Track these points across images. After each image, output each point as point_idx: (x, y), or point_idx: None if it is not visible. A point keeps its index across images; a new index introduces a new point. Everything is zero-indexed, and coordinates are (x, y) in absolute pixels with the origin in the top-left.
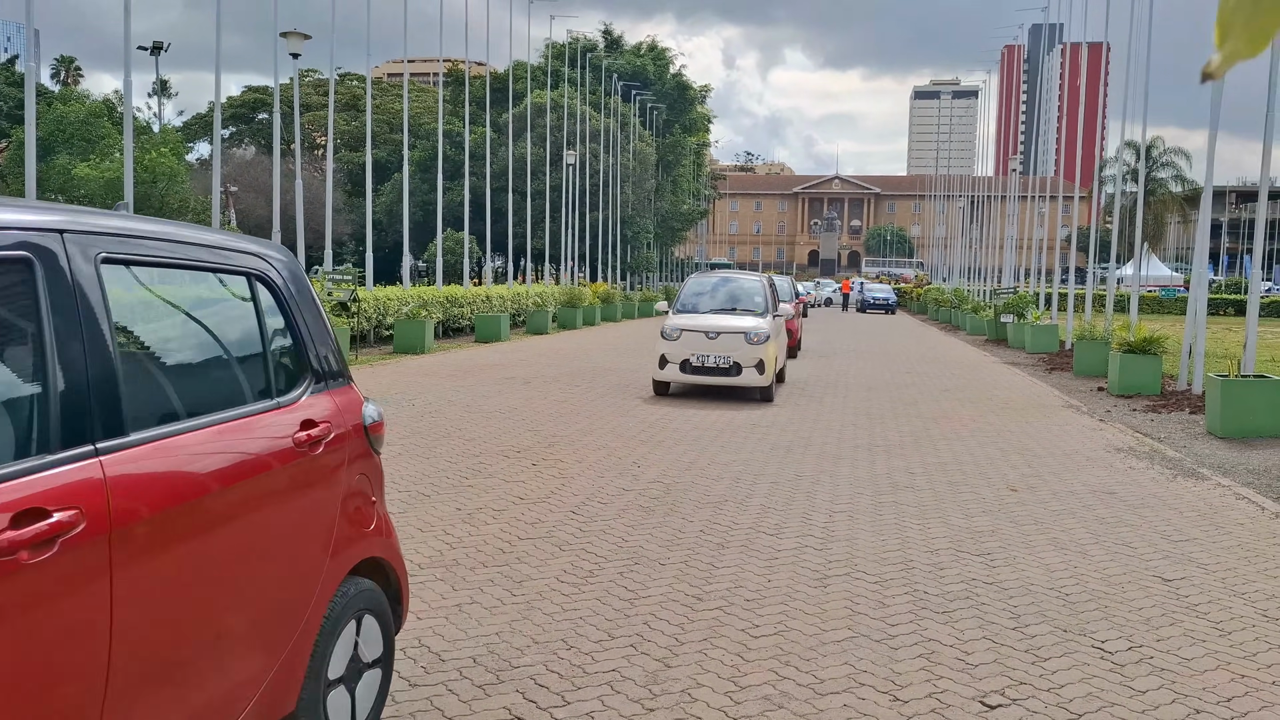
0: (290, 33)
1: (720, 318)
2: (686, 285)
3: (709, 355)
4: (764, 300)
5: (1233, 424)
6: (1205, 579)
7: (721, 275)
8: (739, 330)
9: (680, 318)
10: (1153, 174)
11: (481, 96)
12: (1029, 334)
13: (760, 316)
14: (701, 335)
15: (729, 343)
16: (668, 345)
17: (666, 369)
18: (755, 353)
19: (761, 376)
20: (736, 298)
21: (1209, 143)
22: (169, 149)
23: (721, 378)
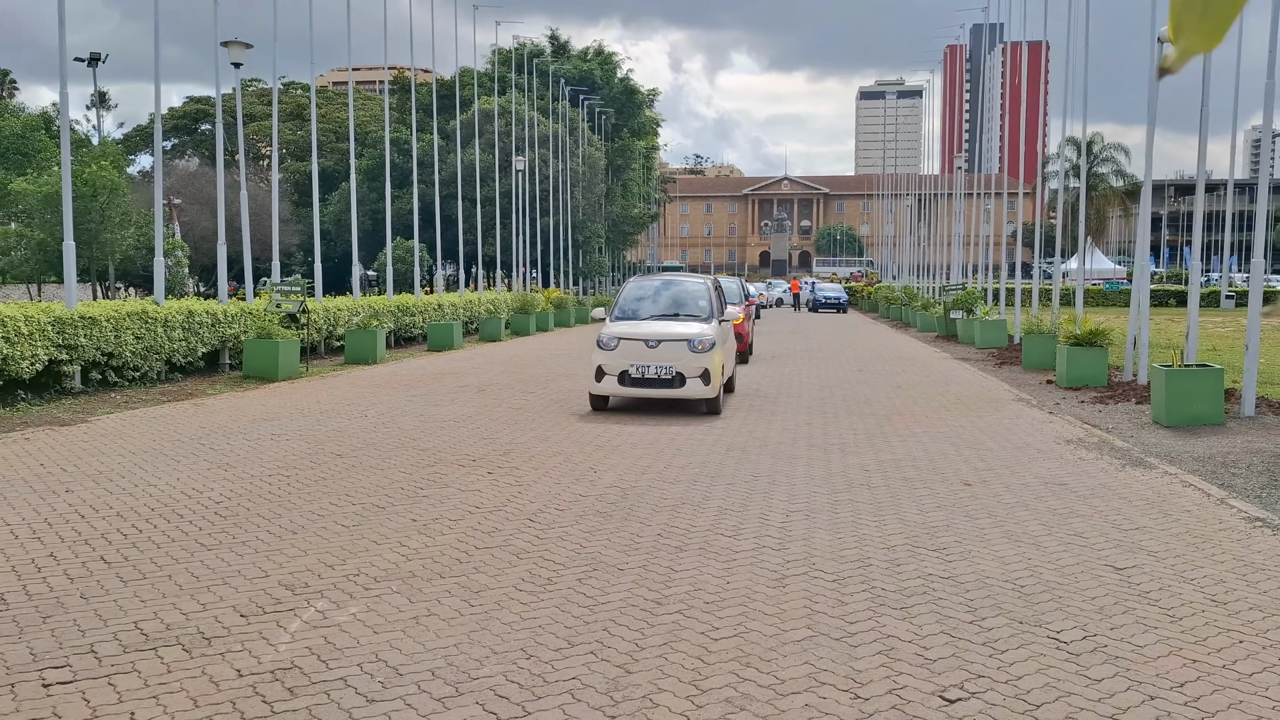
0: (231, 42)
1: (662, 324)
2: (625, 290)
3: (649, 366)
4: (709, 304)
5: (1176, 413)
6: (1155, 566)
7: (664, 279)
8: (682, 338)
9: (618, 325)
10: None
11: (428, 103)
12: (978, 329)
13: (705, 322)
14: (641, 344)
15: (671, 352)
16: (605, 355)
17: (604, 381)
18: (700, 362)
19: (707, 387)
20: (679, 302)
21: (1147, 138)
22: (109, 162)
23: (664, 390)
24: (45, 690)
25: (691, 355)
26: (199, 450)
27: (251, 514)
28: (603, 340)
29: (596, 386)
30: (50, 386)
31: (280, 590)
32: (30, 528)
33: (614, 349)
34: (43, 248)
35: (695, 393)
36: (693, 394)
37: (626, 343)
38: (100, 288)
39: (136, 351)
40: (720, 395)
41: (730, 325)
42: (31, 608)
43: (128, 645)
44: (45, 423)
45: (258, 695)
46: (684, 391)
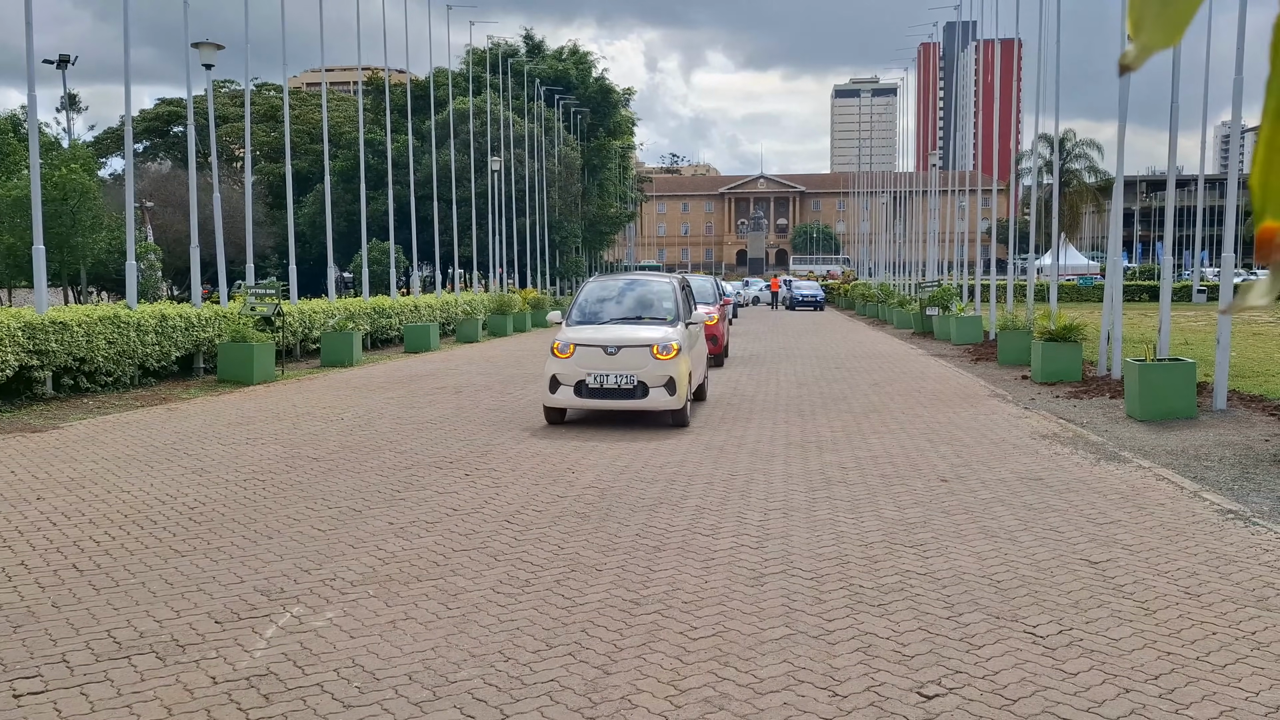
0: (202, 43)
1: (622, 328)
2: (583, 291)
3: (608, 374)
4: (675, 306)
5: (1150, 407)
6: (1130, 560)
7: (626, 279)
8: (644, 343)
9: (575, 330)
10: (1067, 166)
11: (403, 104)
12: (954, 326)
13: (670, 325)
14: (599, 350)
15: (632, 358)
16: (559, 364)
17: (559, 393)
18: (664, 369)
19: (672, 398)
20: (643, 304)
21: (1119, 134)
22: (80, 165)
23: (625, 401)
24: (16, 700)
25: (655, 362)
26: (173, 455)
27: (226, 519)
28: (557, 346)
29: (551, 398)
30: (21, 393)
31: (256, 596)
32: (0, 536)
33: (570, 356)
34: (12, 252)
35: (659, 403)
36: (657, 405)
37: (583, 349)
38: (72, 292)
39: (109, 356)
40: (687, 406)
41: (699, 328)
42: (2, 617)
43: (100, 654)
44: (16, 429)
45: (233, 703)
46: (647, 402)
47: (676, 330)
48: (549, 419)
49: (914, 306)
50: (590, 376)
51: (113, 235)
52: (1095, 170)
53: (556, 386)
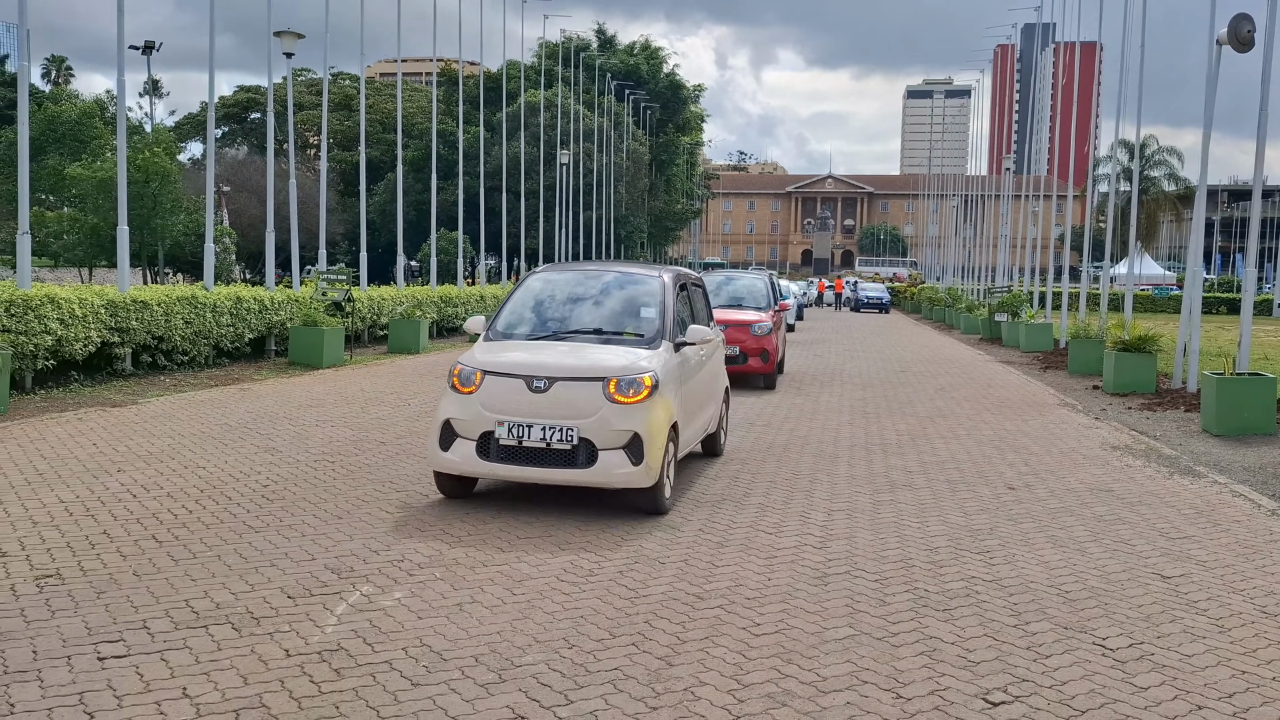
0: (284, 32)
1: (564, 349)
2: (519, 287)
3: (532, 425)
4: (659, 315)
5: (1227, 422)
6: (1204, 576)
7: (588, 269)
8: (594, 373)
9: (491, 348)
10: (1145, 173)
11: (475, 96)
12: (1023, 333)
13: (648, 346)
14: (520, 384)
15: (573, 399)
16: (459, 403)
17: (455, 450)
18: (625, 419)
19: (636, 468)
20: (608, 310)
21: (1203, 142)
22: (162, 149)
23: (556, 470)
24: (100, 663)
25: (611, 408)
26: (246, 434)
27: (298, 498)
28: (461, 374)
29: (441, 459)
30: (102, 368)
31: (326, 574)
32: (84, 506)
33: (474, 391)
34: (95, 232)
35: (614, 476)
36: (610, 479)
37: (496, 380)
38: (149, 272)
39: (186, 336)
40: (665, 482)
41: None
42: (86, 584)
43: (179, 622)
44: (97, 403)
45: (305, 675)
46: (593, 474)
47: (655, 355)
48: (441, 489)
49: (982, 312)
50: (504, 427)
51: (190, 218)
52: (1175, 178)
53: (451, 440)
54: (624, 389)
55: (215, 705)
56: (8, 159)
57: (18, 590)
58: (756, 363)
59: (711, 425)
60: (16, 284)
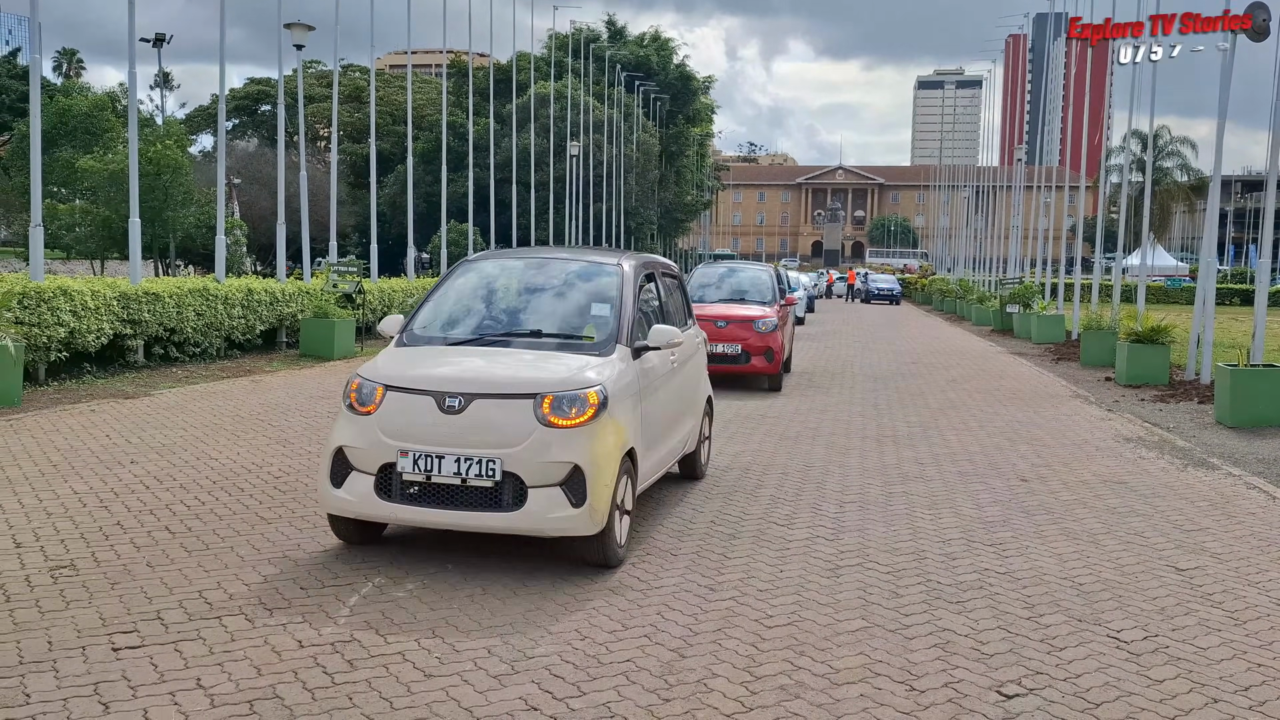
0: (294, 24)
1: (486, 357)
2: (446, 281)
3: (444, 454)
4: (614, 313)
5: (1242, 413)
6: (1219, 568)
7: (529, 257)
8: (522, 389)
9: (400, 356)
10: (1158, 163)
11: (485, 88)
12: (1035, 324)
13: (599, 353)
14: (430, 403)
15: (493, 421)
16: (355, 425)
17: (349, 487)
18: (564, 448)
19: (575, 510)
20: (553, 308)
21: (1217, 132)
22: (173, 141)
23: (475, 514)
24: (115, 654)
25: (544, 432)
26: (258, 426)
27: (310, 489)
28: (359, 391)
29: (333, 497)
30: (115, 360)
31: (338, 565)
32: (98, 497)
33: (373, 411)
34: (107, 224)
35: (544, 521)
36: (537, 524)
37: (399, 398)
38: (161, 265)
39: (197, 328)
40: (615, 530)
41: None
42: (100, 574)
43: (193, 613)
44: (110, 395)
45: (319, 666)
46: (518, 519)
47: (607, 364)
48: (340, 534)
49: (994, 303)
50: (409, 458)
51: (202, 210)
52: (1188, 168)
53: (345, 474)
54: (562, 408)
55: (229, 696)
56: (20, 152)
57: (32, 581)
58: (760, 362)
59: (690, 443)
60: (30, 276)
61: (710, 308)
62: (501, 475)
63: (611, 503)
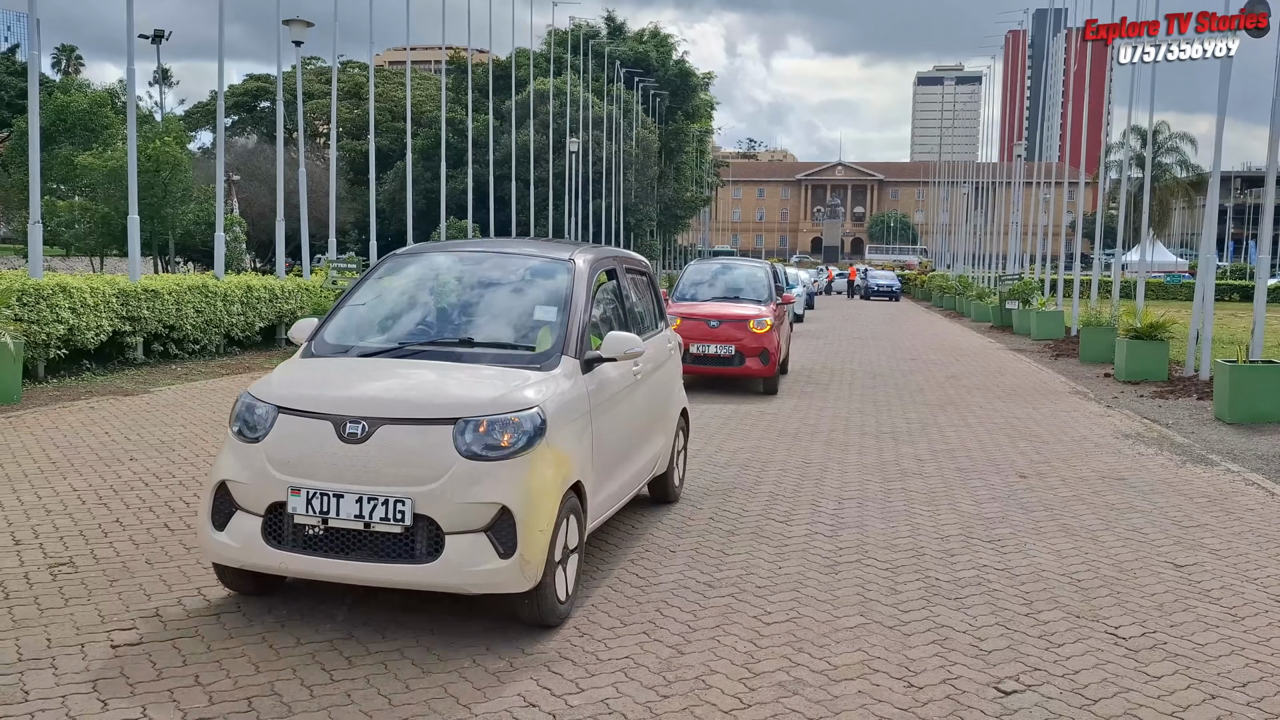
0: (293, 20)
1: (401, 372)
2: (368, 279)
3: (343, 493)
4: (561, 318)
5: (1241, 410)
6: (1217, 564)
7: (462, 252)
8: (439, 412)
9: (299, 370)
10: (1158, 160)
11: (484, 84)
12: (1034, 320)
13: (538, 365)
14: (327, 428)
15: (403, 451)
16: (239, 456)
17: (233, 528)
18: (485, 483)
19: (503, 561)
20: (485, 312)
21: (1217, 128)
22: (172, 138)
23: (381, 566)
24: (114, 651)
25: (463, 466)
26: None
27: None
28: (248, 415)
29: (213, 542)
30: (114, 357)
31: None
32: (97, 494)
33: (261, 438)
34: (106, 221)
35: (464, 575)
36: (456, 578)
37: (292, 422)
38: (160, 261)
39: (196, 325)
40: (555, 581)
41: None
42: (99, 571)
43: (191, 610)
44: (109, 392)
45: (317, 663)
46: (432, 572)
47: (549, 380)
48: (227, 583)
49: (993, 299)
50: (301, 496)
51: (201, 207)
52: (1187, 164)
53: (229, 514)
54: (490, 435)
55: (228, 693)
56: (19, 148)
57: (31, 578)
58: (755, 364)
59: (660, 464)
60: (29, 273)
61: (702, 306)
62: (413, 519)
63: (549, 551)
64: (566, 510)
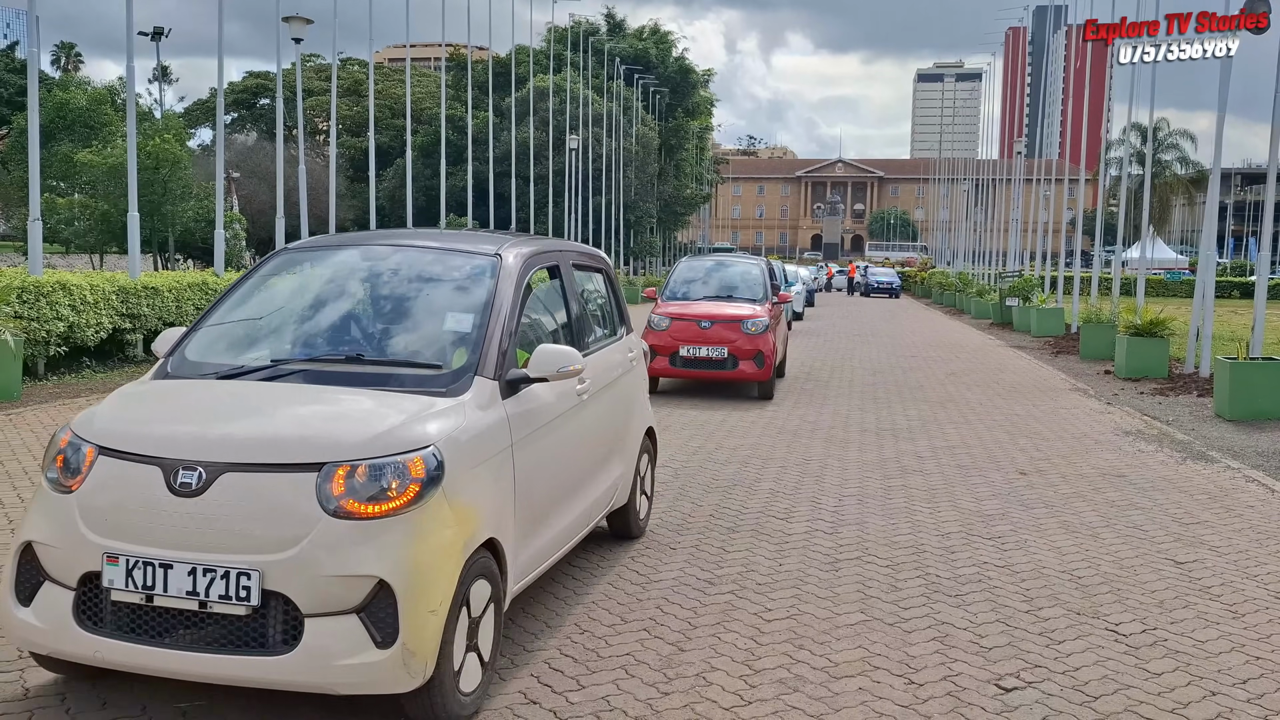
0: (292, 18)
1: (263, 399)
2: (247, 280)
3: (172, 563)
4: (477, 329)
5: (1241, 407)
6: (1217, 561)
7: (367, 246)
8: (296, 455)
9: (136, 398)
10: (1158, 156)
11: (484, 81)
12: (1034, 317)
13: (442, 389)
14: (154, 474)
15: (249, 506)
16: (48, 510)
17: (39, 602)
18: (355, 551)
19: (381, 653)
20: (382, 322)
21: (1217, 125)
22: (172, 135)
23: (221, 657)
24: None
25: (327, 526)
26: None
27: None
28: (62, 453)
29: (16, 619)
30: (114, 354)
31: None
32: None
33: (75, 487)
34: (106, 219)
35: (328, 671)
36: (318, 676)
37: (112, 466)
38: (160, 259)
39: None
40: (452, 676)
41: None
42: None
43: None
44: (109, 389)
45: None
46: (287, 667)
47: (454, 409)
48: (45, 665)
49: (993, 296)
50: (120, 566)
51: (200, 204)
52: (1187, 161)
53: (35, 585)
54: (366, 485)
55: (227, 689)
56: (19, 146)
57: None
58: (749, 368)
59: (619, 495)
60: (29, 270)
61: (693, 306)
62: (261, 596)
63: (443, 637)
64: (472, 577)
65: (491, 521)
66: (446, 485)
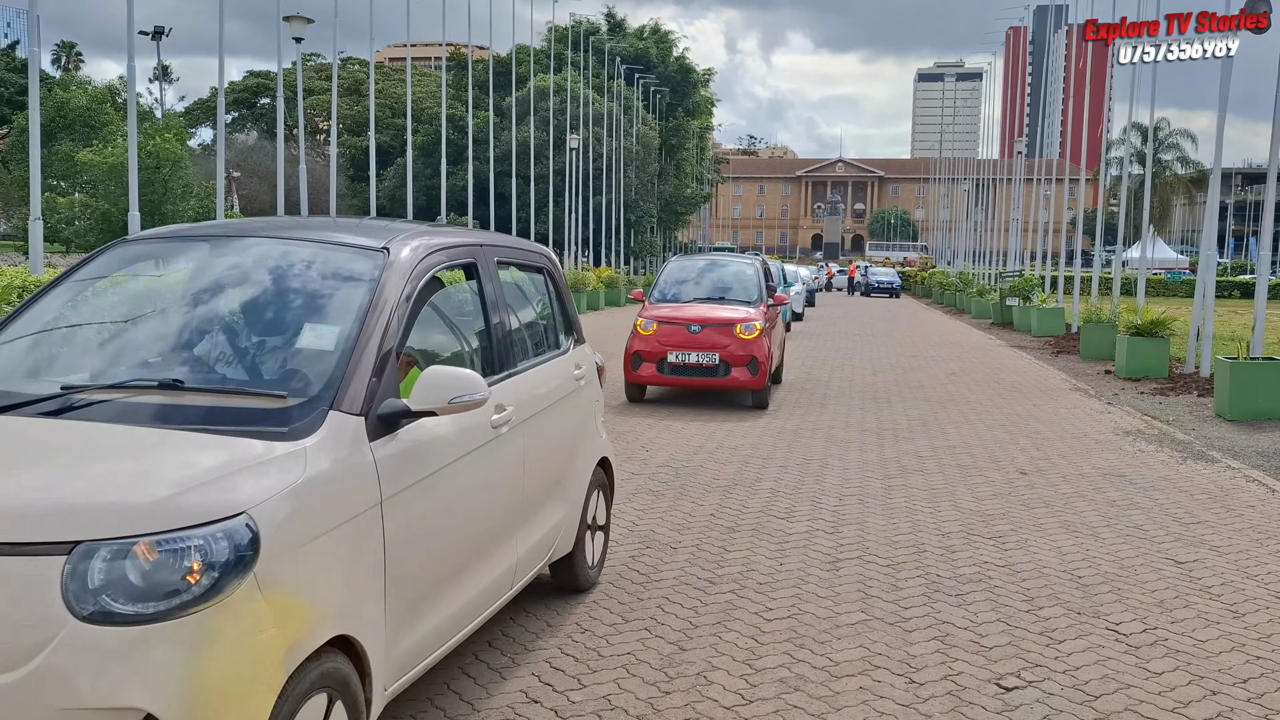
0: (293, 17)
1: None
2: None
3: None
4: (341, 346)
5: (1241, 406)
6: (1217, 561)
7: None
8: (39, 531)
9: None
10: (1158, 156)
11: (484, 80)
12: (1035, 317)
13: (280, 429)
14: None
15: None
16: None
17: None
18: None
19: None
20: (214, 338)
21: (1218, 125)
22: (172, 134)
23: None
24: None
25: (75, 632)
26: None
27: None
28: None
29: None
30: None
31: None
32: None
33: None
34: (106, 218)
35: None
36: None
37: None
38: None
39: None
40: None
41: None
42: None
43: None
44: None
45: None
46: None
47: (289, 459)
48: None
49: (994, 296)
50: None
51: (201, 204)
52: (1187, 161)
53: None
54: (140, 574)
55: None
56: (19, 145)
57: None
58: (742, 375)
59: (561, 545)
60: (29, 270)
61: (683, 309)
62: None
63: None
64: (305, 694)
65: (341, 612)
66: (261, 570)
